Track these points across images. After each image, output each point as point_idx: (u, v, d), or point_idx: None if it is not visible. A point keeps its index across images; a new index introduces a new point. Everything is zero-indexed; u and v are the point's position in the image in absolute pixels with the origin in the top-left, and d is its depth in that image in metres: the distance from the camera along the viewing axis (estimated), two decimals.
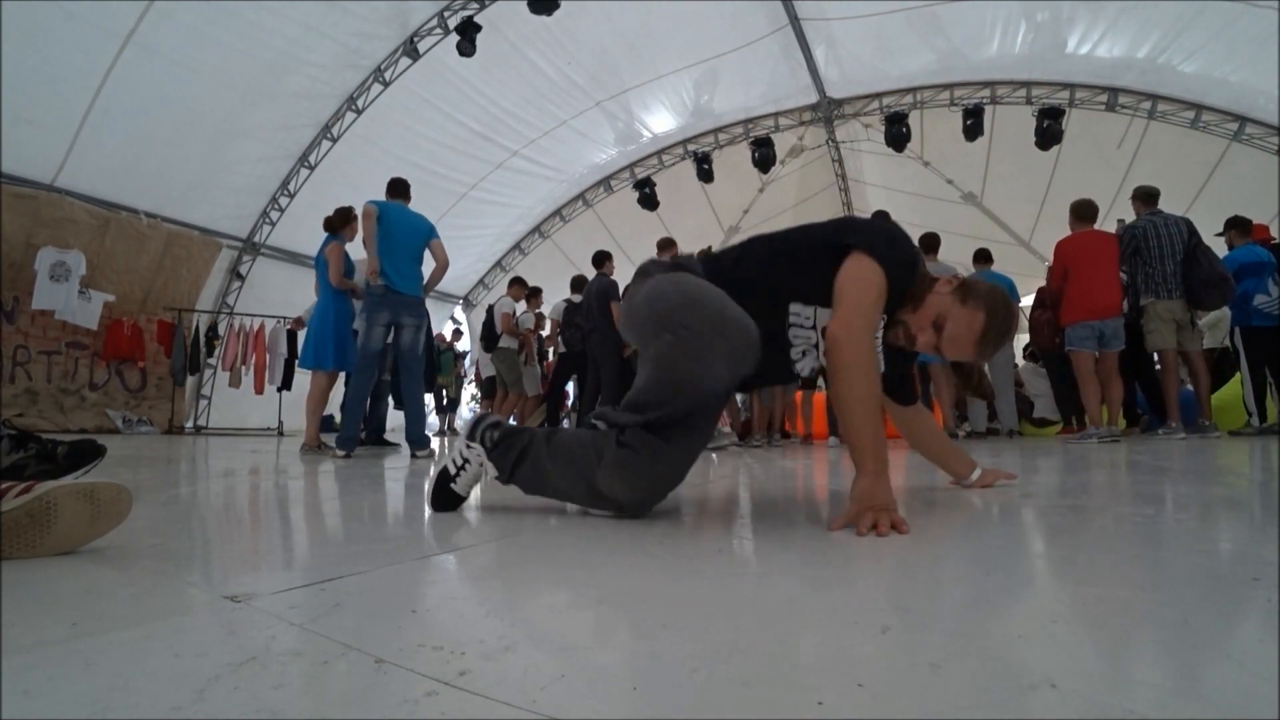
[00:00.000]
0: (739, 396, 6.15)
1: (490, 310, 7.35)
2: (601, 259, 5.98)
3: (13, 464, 1.44)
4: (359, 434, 3.95)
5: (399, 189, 4.07)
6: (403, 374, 4.02)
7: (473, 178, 9.33)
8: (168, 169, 7.22)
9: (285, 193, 8.33)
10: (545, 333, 7.62)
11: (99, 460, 1.61)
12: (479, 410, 6.96)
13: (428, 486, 1.51)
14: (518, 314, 7.33)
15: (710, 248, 5.99)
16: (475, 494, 1.63)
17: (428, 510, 1.45)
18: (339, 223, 4.36)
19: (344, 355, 4.21)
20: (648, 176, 10.24)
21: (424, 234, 3.92)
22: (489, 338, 7.24)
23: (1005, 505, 1.51)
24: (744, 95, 9.08)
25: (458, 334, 11.36)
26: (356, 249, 4.32)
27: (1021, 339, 7.29)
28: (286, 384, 7.90)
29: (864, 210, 10.40)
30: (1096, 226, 4.74)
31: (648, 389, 1.25)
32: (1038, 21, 7.15)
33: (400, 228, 3.83)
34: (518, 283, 7.44)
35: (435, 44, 7.27)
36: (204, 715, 0.45)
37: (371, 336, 3.79)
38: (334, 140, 7.98)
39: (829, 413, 5.25)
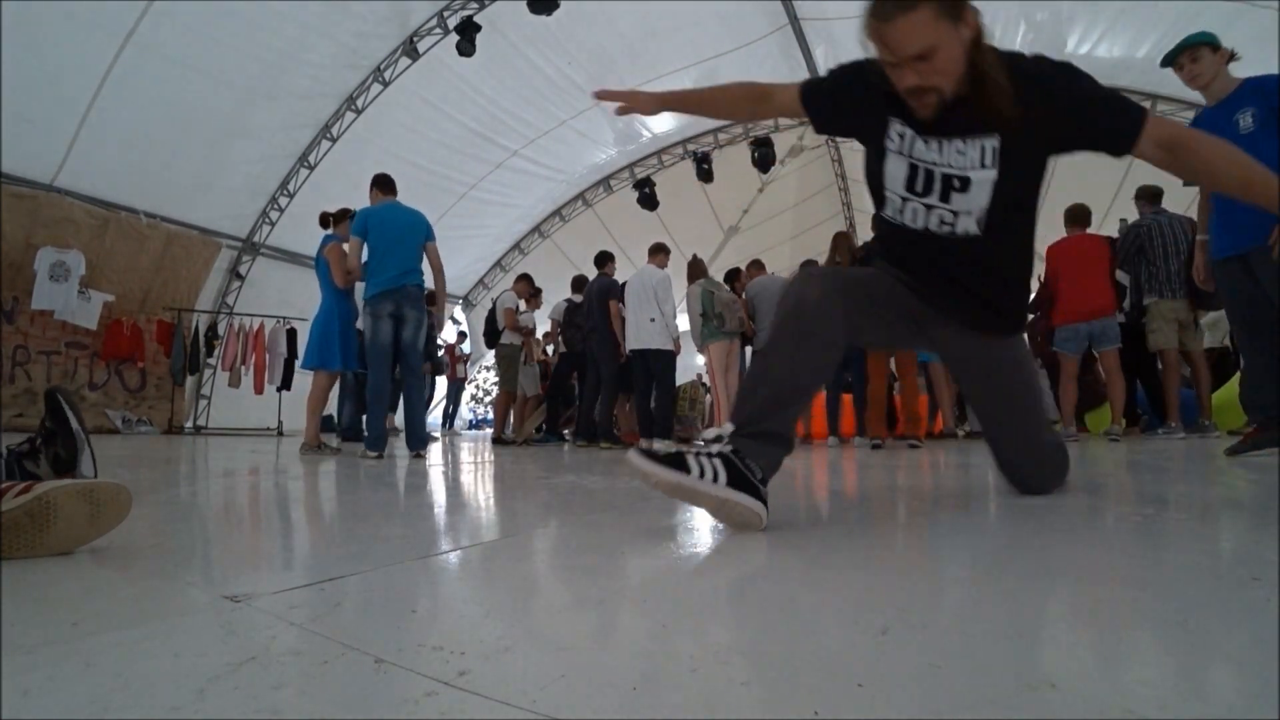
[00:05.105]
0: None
1: (494, 304, 7.27)
2: (604, 260, 5.99)
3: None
4: (386, 431, 3.92)
5: (386, 185, 3.98)
6: (403, 370, 3.93)
7: (472, 178, 9.32)
8: (167, 169, 7.21)
9: (285, 193, 8.33)
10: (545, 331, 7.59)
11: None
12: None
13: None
14: (520, 310, 7.25)
15: (695, 255, 6.00)
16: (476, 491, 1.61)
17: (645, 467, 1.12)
18: (336, 220, 4.35)
19: (350, 355, 4.21)
20: (647, 176, 10.23)
21: (422, 233, 3.88)
22: (491, 333, 7.18)
23: (1005, 505, 1.51)
24: None
25: (462, 335, 11.29)
26: None
27: None
28: (286, 384, 7.91)
29: (864, 210, 10.39)
30: (1091, 230, 4.82)
31: None
32: (1037, 21, 7.13)
33: (396, 227, 3.78)
34: (524, 279, 7.30)
35: (435, 44, 7.26)
36: (204, 715, 0.45)
37: (379, 331, 3.73)
38: (333, 140, 7.97)
39: (829, 413, 5.25)
